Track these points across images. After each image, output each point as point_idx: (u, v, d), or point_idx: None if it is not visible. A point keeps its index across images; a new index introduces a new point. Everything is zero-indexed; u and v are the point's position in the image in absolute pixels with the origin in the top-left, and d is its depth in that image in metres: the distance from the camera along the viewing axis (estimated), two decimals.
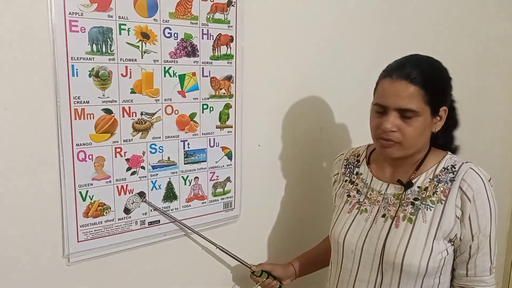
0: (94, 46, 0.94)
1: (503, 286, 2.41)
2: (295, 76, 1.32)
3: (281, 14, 1.24)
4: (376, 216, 1.02)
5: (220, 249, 1.16)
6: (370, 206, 1.04)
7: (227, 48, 1.14)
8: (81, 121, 0.95)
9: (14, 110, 0.88)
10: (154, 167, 1.08)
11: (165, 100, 1.06)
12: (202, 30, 1.09)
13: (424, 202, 0.97)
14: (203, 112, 1.14)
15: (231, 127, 1.19)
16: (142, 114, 1.04)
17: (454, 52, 1.81)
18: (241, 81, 1.18)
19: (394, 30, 1.55)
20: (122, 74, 0.99)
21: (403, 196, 0.99)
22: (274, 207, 1.37)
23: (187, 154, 1.13)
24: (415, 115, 0.93)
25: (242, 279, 1.28)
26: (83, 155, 0.97)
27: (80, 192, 0.98)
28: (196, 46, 1.09)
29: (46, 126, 0.92)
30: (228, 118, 1.18)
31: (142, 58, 1.01)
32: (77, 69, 0.93)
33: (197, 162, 1.15)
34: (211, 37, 1.11)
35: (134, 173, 1.05)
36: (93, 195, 1.00)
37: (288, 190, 1.38)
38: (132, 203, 1.06)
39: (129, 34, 0.98)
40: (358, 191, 1.08)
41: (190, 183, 1.15)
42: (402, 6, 1.57)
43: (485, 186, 0.95)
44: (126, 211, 1.06)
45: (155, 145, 1.07)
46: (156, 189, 1.09)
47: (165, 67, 1.05)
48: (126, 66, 0.99)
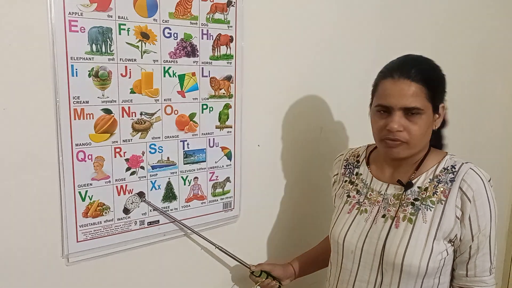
0: (94, 46, 0.94)
1: (503, 286, 2.41)
2: (295, 76, 1.32)
3: (281, 14, 1.24)
4: (376, 216, 1.02)
5: (219, 249, 1.16)
6: (370, 206, 1.04)
7: (227, 48, 1.14)
8: (80, 121, 0.95)
9: (13, 110, 0.88)
10: (153, 167, 1.08)
11: (164, 100, 1.06)
12: (202, 30, 1.09)
13: (424, 203, 0.97)
14: (203, 112, 1.13)
15: (231, 127, 1.19)
16: (141, 114, 1.04)
17: (454, 52, 1.81)
18: (240, 81, 1.18)
19: (394, 30, 1.55)
20: (121, 74, 0.99)
21: (403, 196, 0.99)
22: (273, 207, 1.37)
23: (187, 154, 1.13)
24: (420, 113, 0.94)
25: (242, 279, 1.28)
26: (83, 155, 0.97)
27: (79, 192, 0.98)
28: (195, 46, 1.09)
29: (45, 126, 0.92)
30: (227, 118, 1.18)
31: (142, 58, 1.01)
32: (76, 69, 0.93)
33: (196, 162, 1.15)
34: (211, 37, 1.11)
35: (133, 173, 1.05)
36: (92, 195, 1.00)
37: (287, 190, 1.38)
38: (131, 203, 1.06)
39: (128, 34, 0.98)
40: (358, 192, 1.08)
41: (190, 183, 1.15)
42: (402, 6, 1.57)
43: (485, 186, 0.95)
44: (126, 211, 1.06)
45: (155, 145, 1.07)
46: (155, 189, 1.09)
47: (164, 67, 1.05)
48: (126, 66, 0.99)
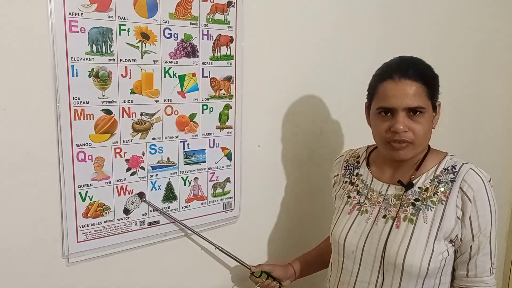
0: (94, 46, 0.94)
1: (503, 287, 2.41)
2: (295, 76, 1.32)
3: (281, 15, 1.24)
4: (376, 217, 1.02)
5: (219, 249, 1.16)
6: (370, 207, 1.04)
7: (227, 48, 1.14)
8: (80, 121, 0.95)
9: (13, 110, 0.88)
10: (153, 168, 1.08)
11: (165, 100, 1.06)
12: (202, 30, 1.09)
13: (424, 203, 0.97)
14: (203, 112, 1.13)
15: (231, 128, 1.19)
16: (142, 114, 1.04)
17: (454, 52, 1.81)
18: (241, 81, 1.18)
19: (394, 30, 1.55)
20: (122, 75, 0.99)
21: (404, 197, 0.99)
22: (273, 208, 1.37)
23: (187, 155, 1.13)
24: (423, 112, 0.94)
25: (242, 280, 1.28)
26: (83, 156, 0.97)
27: (79, 192, 0.98)
28: (196, 46, 1.09)
29: (45, 126, 0.92)
30: (228, 118, 1.18)
31: (142, 58, 1.01)
32: (76, 69, 0.93)
33: (196, 163, 1.15)
34: (211, 37, 1.11)
35: (133, 173, 1.05)
36: (92, 196, 1.00)
37: (288, 190, 1.38)
38: (131, 204, 1.06)
39: (129, 35, 0.98)
40: (358, 192, 1.08)
41: (190, 184, 1.15)
42: (402, 6, 1.57)
43: (485, 186, 0.95)
44: (126, 212, 1.06)
45: (155, 145, 1.07)
46: (155, 189, 1.09)
47: (165, 68, 1.05)
48: (126, 67, 0.99)
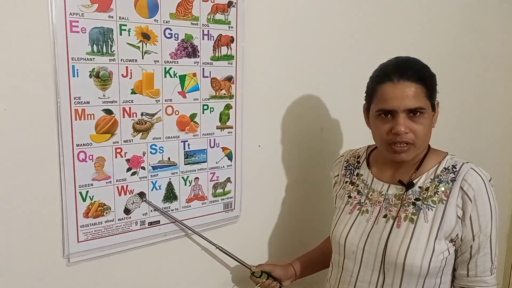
0: (95, 46, 0.94)
1: (504, 287, 2.41)
2: (296, 76, 1.32)
3: (281, 15, 1.24)
4: (377, 216, 1.02)
5: (220, 249, 1.16)
6: (371, 207, 1.04)
7: (228, 48, 1.14)
8: (81, 121, 0.95)
9: (14, 110, 0.88)
10: (154, 168, 1.08)
11: (165, 100, 1.06)
12: (203, 30, 1.09)
13: (425, 202, 0.97)
14: (204, 112, 1.13)
15: (232, 128, 1.19)
16: (142, 114, 1.04)
17: (454, 52, 1.82)
18: (241, 81, 1.18)
19: (394, 30, 1.55)
20: (122, 75, 0.99)
21: (405, 196, 0.99)
22: (274, 208, 1.37)
23: (188, 155, 1.13)
24: (423, 112, 0.95)
25: (242, 280, 1.28)
26: (84, 156, 0.97)
27: (80, 192, 0.98)
28: (196, 46, 1.09)
29: (46, 126, 0.92)
30: (228, 118, 1.18)
31: (143, 58, 1.01)
32: (77, 69, 0.93)
33: (197, 163, 1.15)
34: (212, 37, 1.11)
35: (134, 173, 1.05)
36: (93, 196, 1.00)
37: (288, 190, 1.38)
38: (132, 204, 1.06)
39: (129, 35, 0.98)
40: (358, 192, 1.08)
41: (190, 184, 1.15)
42: (403, 6, 1.57)
43: (485, 186, 0.95)
44: (126, 212, 1.06)
45: (156, 145, 1.07)
46: (156, 189, 1.09)
47: (165, 68, 1.05)
48: (127, 67, 0.99)
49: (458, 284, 1.00)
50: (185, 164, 1.13)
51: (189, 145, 1.13)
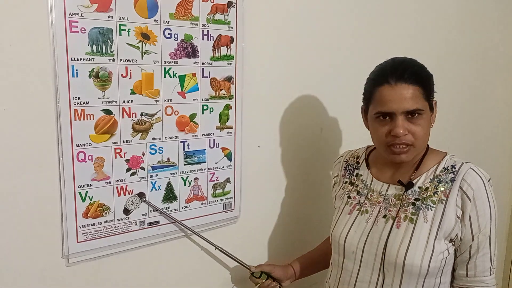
0: (94, 46, 0.94)
1: (503, 287, 2.41)
2: (295, 76, 1.32)
3: (281, 15, 1.24)
4: (377, 217, 1.02)
5: (219, 250, 1.16)
6: (370, 207, 1.04)
7: (227, 49, 1.14)
8: (81, 121, 0.95)
9: (14, 111, 0.88)
10: (153, 168, 1.08)
11: (165, 101, 1.06)
12: (202, 31, 1.09)
13: (425, 202, 0.97)
14: (203, 113, 1.13)
15: (231, 128, 1.19)
16: (142, 115, 1.04)
17: (454, 52, 1.82)
18: (241, 82, 1.18)
19: (394, 30, 1.55)
20: (122, 75, 0.99)
21: (404, 196, 1.00)
22: (274, 208, 1.37)
23: (187, 155, 1.13)
24: (421, 114, 0.95)
25: (241, 280, 1.28)
26: (83, 156, 0.97)
27: (79, 192, 0.98)
28: (196, 47, 1.09)
29: (46, 126, 0.92)
30: (228, 119, 1.18)
31: (142, 58, 1.01)
32: (77, 69, 0.93)
33: (197, 163, 1.15)
34: (211, 38, 1.11)
35: (133, 173, 1.05)
36: (92, 196, 1.00)
37: (288, 191, 1.38)
38: (131, 204, 1.06)
39: (129, 35, 0.98)
40: (358, 192, 1.08)
41: (190, 184, 1.15)
42: (403, 6, 1.57)
43: (485, 186, 0.95)
44: (126, 212, 1.06)
45: (155, 146, 1.07)
46: (155, 189, 1.09)
47: (165, 68, 1.05)
48: (126, 67, 0.99)
49: (457, 284, 1.00)
50: (184, 164, 1.13)
51: (188, 145, 1.13)
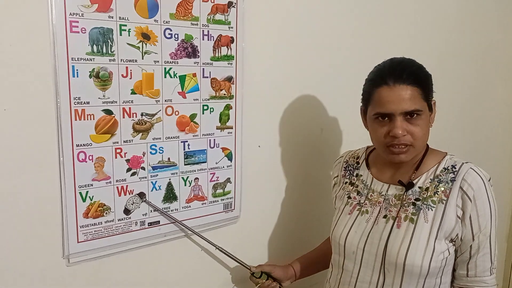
0: (95, 46, 0.94)
1: (503, 287, 2.41)
2: (296, 77, 1.32)
3: (281, 15, 1.25)
4: (377, 217, 1.02)
5: (219, 250, 1.16)
6: (371, 207, 1.04)
7: (228, 49, 1.14)
8: (81, 121, 0.95)
9: (14, 111, 0.88)
10: (154, 168, 1.08)
11: (165, 101, 1.06)
12: (203, 31, 1.09)
13: (425, 202, 0.97)
14: (204, 113, 1.13)
15: (231, 128, 1.19)
16: (142, 115, 1.04)
17: (454, 52, 1.82)
18: (241, 82, 1.18)
19: (394, 30, 1.55)
20: (122, 75, 0.99)
21: (404, 196, 1.00)
22: (274, 208, 1.37)
23: (187, 155, 1.13)
24: (420, 114, 0.95)
25: (242, 281, 1.28)
26: (83, 156, 0.97)
27: (80, 192, 0.98)
28: (196, 47, 1.09)
29: (46, 126, 0.92)
30: (228, 119, 1.18)
31: (143, 59, 1.01)
32: (77, 69, 0.93)
33: (197, 163, 1.15)
34: (212, 38, 1.11)
35: (134, 173, 1.05)
36: (93, 196, 1.00)
37: (288, 191, 1.38)
38: (132, 204, 1.06)
39: (129, 35, 0.98)
40: (358, 193, 1.08)
41: (190, 184, 1.15)
42: (403, 6, 1.57)
43: (485, 185, 0.95)
44: (126, 212, 1.06)
45: (155, 146, 1.07)
46: (156, 189, 1.09)
47: (165, 68, 1.05)
48: (127, 67, 0.99)
49: (457, 284, 1.00)
50: (185, 164, 1.13)
51: (189, 145, 1.13)
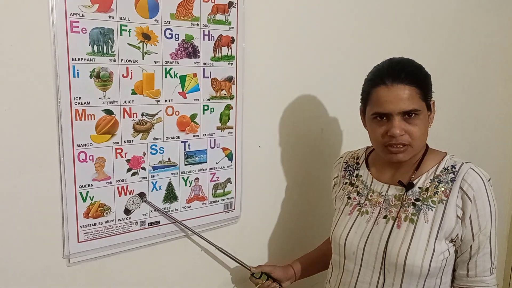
0: (95, 47, 0.94)
1: (504, 287, 2.41)
2: (296, 77, 1.32)
3: (281, 15, 1.25)
4: (377, 217, 1.02)
5: (220, 250, 1.16)
6: (371, 207, 1.04)
7: (228, 49, 1.14)
8: (81, 122, 0.95)
9: (15, 111, 0.88)
10: (154, 168, 1.08)
11: (166, 101, 1.06)
12: (203, 31, 1.09)
13: (425, 203, 0.97)
14: (204, 113, 1.14)
15: (232, 128, 1.19)
16: (142, 115, 1.04)
17: (454, 52, 1.82)
18: (242, 82, 1.18)
19: (394, 31, 1.55)
20: (123, 75, 0.99)
21: (404, 197, 1.00)
22: (274, 209, 1.37)
23: (188, 155, 1.13)
24: (418, 114, 0.95)
25: (242, 281, 1.28)
26: (84, 156, 0.97)
27: (80, 192, 0.98)
28: (197, 47, 1.09)
29: (46, 126, 0.92)
30: (228, 119, 1.18)
31: (143, 59, 1.01)
32: (78, 70, 0.93)
33: (197, 163, 1.15)
34: (212, 38, 1.11)
35: (134, 174, 1.05)
36: (93, 196, 1.00)
37: (288, 191, 1.38)
38: (132, 204, 1.06)
39: (130, 35, 0.98)
40: (358, 193, 1.08)
41: (191, 184, 1.15)
42: (403, 6, 1.57)
43: (485, 186, 0.95)
44: (127, 212, 1.06)
45: (156, 146, 1.07)
46: (156, 190, 1.09)
47: (166, 68, 1.05)
48: (127, 67, 0.99)
49: (458, 284, 1.00)
50: (185, 164, 1.13)
51: (189, 145, 1.13)
